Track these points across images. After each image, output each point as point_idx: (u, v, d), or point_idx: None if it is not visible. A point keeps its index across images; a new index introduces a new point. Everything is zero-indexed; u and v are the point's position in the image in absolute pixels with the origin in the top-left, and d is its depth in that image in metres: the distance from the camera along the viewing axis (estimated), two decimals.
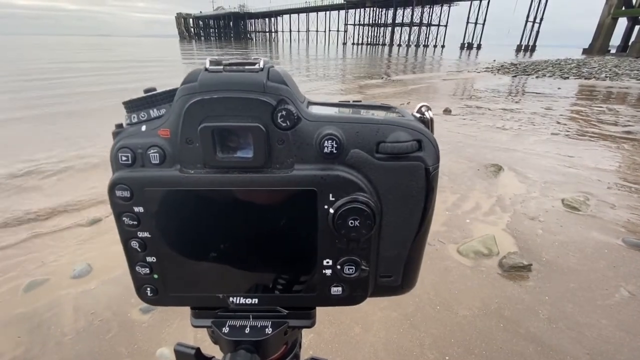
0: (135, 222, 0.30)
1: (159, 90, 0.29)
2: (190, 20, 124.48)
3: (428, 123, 0.31)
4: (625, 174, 3.89)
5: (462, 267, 2.25)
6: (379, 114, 0.31)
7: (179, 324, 1.76)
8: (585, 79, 14.43)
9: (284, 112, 0.27)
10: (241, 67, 0.28)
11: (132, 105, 0.29)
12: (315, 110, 0.30)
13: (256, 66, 0.28)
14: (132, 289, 0.34)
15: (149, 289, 0.33)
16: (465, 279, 2.15)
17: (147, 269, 0.32)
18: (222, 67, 0.28)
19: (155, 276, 0.33)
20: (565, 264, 2.28)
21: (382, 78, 12.97)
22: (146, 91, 0.30)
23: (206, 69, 0.28)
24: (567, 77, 14.80)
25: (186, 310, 0.36)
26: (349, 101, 0.35)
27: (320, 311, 0.38)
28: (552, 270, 2.22)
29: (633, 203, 3.15)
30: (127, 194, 0.29)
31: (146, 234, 0.31)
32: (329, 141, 0.28)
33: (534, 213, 2.94)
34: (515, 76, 15.39)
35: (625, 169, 4.06)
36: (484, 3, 62.65)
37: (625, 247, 2.47)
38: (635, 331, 1.75)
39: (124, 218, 0.30)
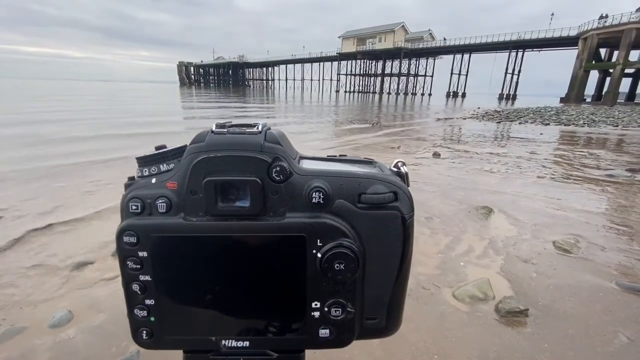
0: (138, 266, 0.32)
1: (169, 148, 0.34)
2: (192, 68, 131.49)
3: (403, 177, 0.36)
4: (611, 216, 3.98)
5: (458, 313, 2.20)
6: (361, 169, 0.36)
7: None
8: (565, 125, 15.24)
9: (278, 168, 0.31)
10: (243, 130, 0.33)
11: (144, 161, 0.34)
12: (306, 164, 0.35)
13: (255, 129, 0.33)
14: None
15: (145, 331, 0.34)
16: (462, 325, 2.08)
17: (145, 311, 0.34)
18: (226, 129, 0.32)
19: (152, 319, 0.34)
20: (562, 309, 2.24)
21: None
22: (157, 148, 0.34)
23: (212, 131, 0.32)
24: (548, 124, 15.62)
25: None
26: (335, 155, 0.40)
27: None
28: (549, 316, 2.18)
29: (622, 245, 3.19)
30: (133, 239, 0.32)
31: (147, 277, 0.33)
32: (317, 193, 0.32)
33: (526, 255, 2.95)
34: (499, 122, 16.21)
35: (612, 211, 4.17)
36: (466, 57, 67.92)
37: (619, 291, 2.46)
38: None
39: (128, 262, 0.32)
